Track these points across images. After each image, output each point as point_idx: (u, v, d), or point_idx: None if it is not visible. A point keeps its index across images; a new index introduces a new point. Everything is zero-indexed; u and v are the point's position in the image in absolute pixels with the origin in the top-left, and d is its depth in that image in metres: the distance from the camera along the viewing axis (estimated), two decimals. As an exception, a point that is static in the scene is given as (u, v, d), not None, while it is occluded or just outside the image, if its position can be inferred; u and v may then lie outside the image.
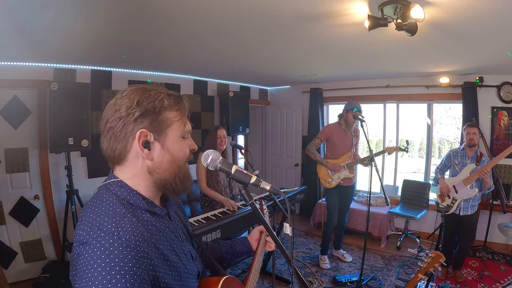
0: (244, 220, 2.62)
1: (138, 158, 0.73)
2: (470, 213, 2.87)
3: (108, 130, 0.73)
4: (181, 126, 0.76)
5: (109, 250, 0.59)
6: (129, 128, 0.71)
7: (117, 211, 0.67)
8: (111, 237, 0.61)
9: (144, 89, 0.74)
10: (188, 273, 0.78)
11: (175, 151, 0.75)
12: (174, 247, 0.76)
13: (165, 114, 0.73)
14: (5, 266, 2.81)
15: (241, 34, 2.30)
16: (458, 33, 2.12)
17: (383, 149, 3.24)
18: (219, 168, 0.85)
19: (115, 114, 0.71)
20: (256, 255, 1.09)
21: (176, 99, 0.76)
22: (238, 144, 3.44)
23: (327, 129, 3.39)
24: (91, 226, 0.64)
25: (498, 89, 3.66)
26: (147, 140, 0.71)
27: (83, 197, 2.94)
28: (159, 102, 0.72)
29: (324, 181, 3.37)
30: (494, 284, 2.93)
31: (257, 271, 1.07)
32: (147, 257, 0.64)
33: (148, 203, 0.74)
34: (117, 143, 0.72)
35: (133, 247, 0.62)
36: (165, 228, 0.77)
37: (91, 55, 2.84)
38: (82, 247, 0.61)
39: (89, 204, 0.70)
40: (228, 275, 0.87)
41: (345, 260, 3.52)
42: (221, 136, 2.81)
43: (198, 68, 3.73)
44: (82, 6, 1.68)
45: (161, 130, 0.73)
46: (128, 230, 0.64)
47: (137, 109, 0.71)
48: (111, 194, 0.71)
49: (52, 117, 2.68)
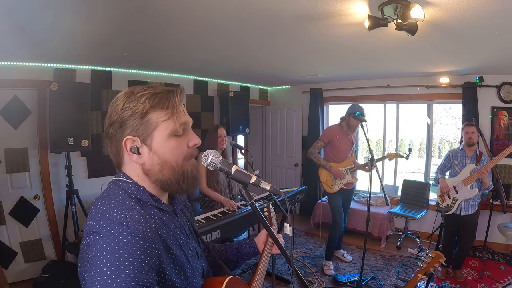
0: (244, 220, 2.62)
1: (133, 163, 0.75)
2: (470, 213, 2.87)
3: (106, 135, 0.76)
4: (169, 125, 0.73)
5: (119, 238, 0.61)
6: (118, 135, 0.73)
7: (126, 203, 0.69)
8: (120, 226, 0.63)
9: (131, 93, 0.73)
10: (192, 270, 0.78)
11: (164, 153, 0.74)
12: (180, 242, 0.77)
13: (149, 116, 0.72)
14: (5, 266, 2.81)
15: (241, 34, 2.29)
16: (458, 33, 2.12)
17: (385, 155, 3.23)
18: (219, 168, 0.84)
19: (107, 121, 0.75)
20: (262, 257, 1.09)
21: (162, 97, 0.73)
22: (238, 144, 3.44)
23: (330, 131, 3.33)
24: (101, 216, 0.65)
25: (498, 89, 3.66)
26: (134, 145, 0.72)
27: (83, 197, 2.94)
28: (141, 105, 0.71)
29: (326, 186, 3.29)
30: (494, 284, 2.93)
31: (262, 273, 1.07)
32: (155, 247, 0.66)
33: (155, 199, 0.76)
34: (112, 148, 0.76)
35: (141, 236, 0.63)
36: (171, 224, 0.78)
37: (91, 55, 2.84)
38: (92, 236, 0.62)
39: (99, 198, 0.72)
40: (233, 275, 0.87)
41: (345, 260, 3.52)
42: (222, 136, 2.82)
43: (198, 68, 3.73)
44: (82, 6, 1.67)
45: (147, 133, 0.72)
46: (137, 221, 0.65)
47: (122, 115, 0.71)
48: (120, 188, 0.73)
49: (52, 117, 2.68)
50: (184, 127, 0.77)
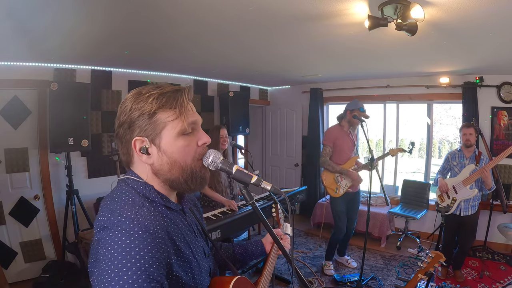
0: (244, 220, 2.62)
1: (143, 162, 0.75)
2: (470, 214, 2.87)
3: (116, 136, 0.77)
4: (178, 124, 0.74)
5: (130, 233, 0.62)
6: (127, 136, 0.74)
7: (135, 201, 0.70)
8: (131, 222, 0.64)
9: (139, 94, 0.74)
10: (200, 268, 0.79)
11: (173, 152, 0.74)
12: (188, 240, 0.78)
13: (157, 116, 0.72)
14: (5, 266, 2.81)
15: (241, 34, 2.29)
16: (458, 33, 2.12)
17: (387, 152, 3.10)
18: (220, 168, 0.84)
19: (116, 122, 0.76)
20: (269, 257, 1.09)
21: (169, 97, 0.73)
22: (238, 144, 3.44)
23: (332, 133, 3.18)
24: (111, 212, 0.66)
25: (498, 89, 3.66)
26: (144, 146, 0.72)
27: (83, 197, 2.94)
28: (149, 105, 0.71)
29: (331, 190, 3.15)
30: (494, 284, 2.93)
31: (269, 273, 1.07)
32: (164, 244, 0.66)
33: (163, 198, 0.76)
34: (123, 148, 0.77)
35: (151, 233, 0.64)
36: (179, 222, 0.78)
37: (91, 55, 2.84)
38: (103, 231, 0.63)
39: (109, 195, 0.73)
40: (240, 275, 0.87)
41: (350, 266, 3.40)
42: (223, 136, 2.82)
43: (198, 68, 3.73)
44: (82, 7, 1.67)
45: (156, 133, 0.72)
46: (147, 218, 0.66)
47: (130, 116, 0.72)
48: (129, 187, 0.74)
49: (52, 117, 2.68)
50: (193, 126, 0.78)
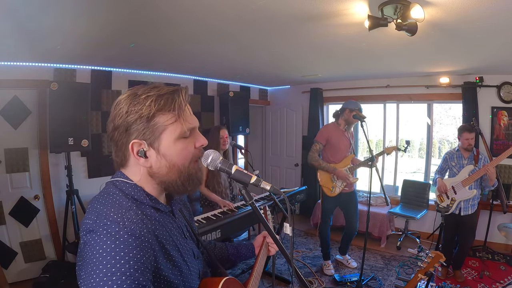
0: (244, 220, 2.62)
1: (139, 165, 0.74)
2: (470, 213, 2.88)
3: (110, 138, 0.75)
4: (177, 128, 0.72)
5: (115, 237, 0.61)
6: (124, 139, 0.72)
7: (123, 204, 0.69)
8: (116, 225, 0.63)
9: (135, 95, 0.71)
10: (189, 270, 0.78)
11: (172, 155, 0.73)
12: (177, 243, 0.77)
13: (156, 119, 0.70)
14: (5, 266, 2.80)
15: (240, 35, 2.29)
16: (458, 33, 2.12)
17: (382, 150, 3.10)
18: (219, 168, 0.84)
19: (110, 124, 0.74)
20: (258, 259, 1.11)
21: (167, 99, 0.71)
22: (238, 144, 3.44)
23: (326, 131, 3.15)
24: (97, 215, 0.65)
25: (498, 89, 3.66)
26: (141, 149, 0.71)
27: (83, 197, 2.94)
28: (147, 108, 0.69)
29: (327, 189, 3.15)
30: (494, 284, 2.93)
31: (258, 274, 1.09)
32: (151, 248, 0.66)
33: (152, 199, 0.75)
34: (118, 151, 0.75)
35: (137, 236, 0.63)
36: (168, 224, 0.78)
37: (91, 55, 2.84)
38: (89, 235, 0.62)
39: (96, 197, 0.72)
40: (229, 276, 0.87)
41: (350, 266, 3.39)
42: (224, 136, 2.82)
43: (198, 68, 3.73)
44: (82, 7, 1.67)
45: (154, 137, 0.71)
46: (133, 221, 0.65)
47: (127, 119, 0.70)
48: (117, 189, 0.73)
49: (52, 117, 2.68)
50: (192, 129, 0.78)
